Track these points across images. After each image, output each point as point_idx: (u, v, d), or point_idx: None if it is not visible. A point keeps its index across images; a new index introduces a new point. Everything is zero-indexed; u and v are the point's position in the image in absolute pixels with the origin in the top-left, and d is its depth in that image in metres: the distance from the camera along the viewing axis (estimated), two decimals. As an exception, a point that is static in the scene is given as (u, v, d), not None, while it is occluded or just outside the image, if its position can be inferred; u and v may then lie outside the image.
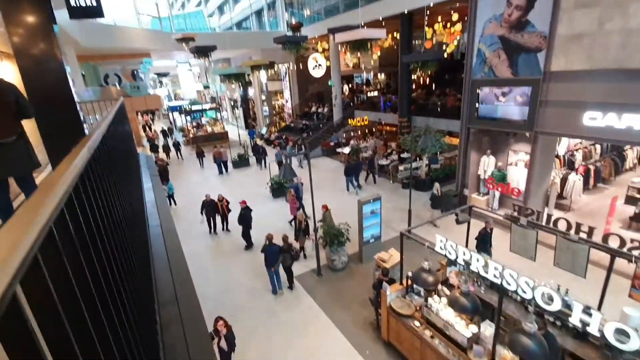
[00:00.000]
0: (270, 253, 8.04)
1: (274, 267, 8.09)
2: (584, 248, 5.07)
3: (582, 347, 4.88)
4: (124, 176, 3.05)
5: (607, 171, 12.33)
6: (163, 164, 16.69)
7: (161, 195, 5.21)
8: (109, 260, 1.32)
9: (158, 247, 3.46)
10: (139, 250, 2.67)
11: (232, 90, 34.93)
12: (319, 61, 19.98)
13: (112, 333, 1.08)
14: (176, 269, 3.12)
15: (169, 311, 2.43)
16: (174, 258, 3.23)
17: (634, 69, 6.84)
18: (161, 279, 2.87)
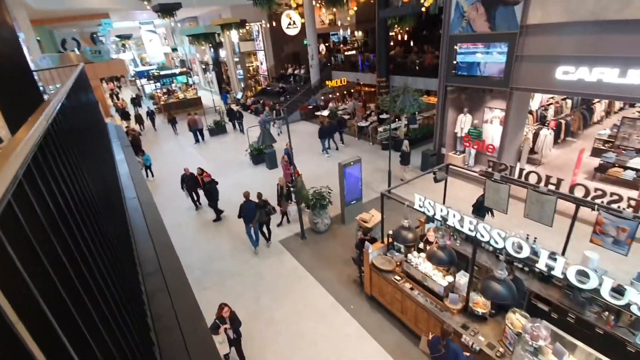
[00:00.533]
0: (247, 209, 8.35)
1: (252, 224, 8.41)
2: (552, 199, 5.36)
3: (547, 288, 5.33)
4: (91, 147, 2.89)
5: (576, 125, 12.81)
6: (135, 134, 15.97)
7: (135, 167, 5.03)
8: (82, 233, 1.27)
9: (137, 219, 3.39)
10: (116, 223, 2.61)
11: (202, 53, 32.98)
12: (293, 18, 18.95)
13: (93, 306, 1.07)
14: (158, 240, 3.09)
15: (154, 281, 2.44)
16: (154, 229, 3.18)
17: (609, 20, 6.87)
18: (143, 251, 2.84)
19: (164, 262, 2.73)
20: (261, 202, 8.55)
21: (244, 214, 8.38)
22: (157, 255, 2.78)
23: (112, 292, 1.39)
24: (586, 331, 4.77)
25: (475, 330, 4.89)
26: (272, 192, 9.93)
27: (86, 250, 1.24)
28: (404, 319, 6.12)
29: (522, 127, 10.33)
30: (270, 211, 8.72)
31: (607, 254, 5.09)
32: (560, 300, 5.11)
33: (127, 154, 5.41)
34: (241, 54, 28.49)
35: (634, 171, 9.26)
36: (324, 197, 8.96)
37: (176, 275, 2.59)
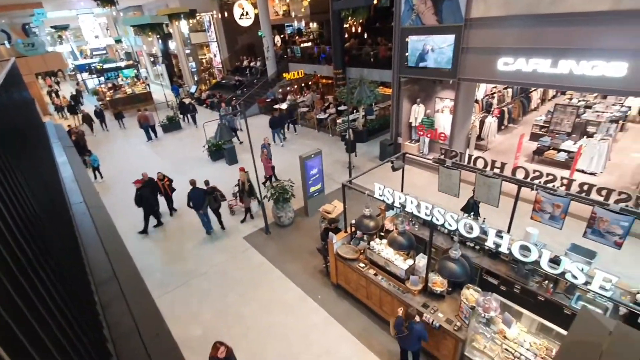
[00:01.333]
0: (195, 197, 8.57)
1: (202, 210, 8.70)
2: (497, 182, 5.81)
3: (496, 264, 5.80)
4: (26, 150, 2.64)
5: (516, 112, 13.87)
6: (79, 133, 14.76)
7: (80, 169, 4.67)
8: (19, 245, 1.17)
9: (85, 225, 3.17)
10: (60, 231, 2.43)
11: (150, 44, 31.02)
12: (246, 9, 18.43)
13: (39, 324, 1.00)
14: (110, 246, 2.92)
15: (108, 290, 2.31)
16: (106, 234, 3.00)
17: (542, 14, 7.47)
18: (94, 258, 2.67)
19: (119, 268, 2.59)
20: (209, 189, 8.77)
21: (192, 201, 8.58)
22: (110, 261, 2.63)
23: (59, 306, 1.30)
24: (530, 299, 5.27)
25: (435, 308, 5.21)
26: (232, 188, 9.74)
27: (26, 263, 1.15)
28: (369, 304, 6.35)
29: (469, 115, 10.99)
30: (218, 197, 8.90)
31: (546, 229, 5.63)
32: (507, 274, 5.58)
33: (69, 156, 5.00)
34: (193, 46, 27.21)
35: (566, 153, 10.27)
36: (287, 190, 8.95)
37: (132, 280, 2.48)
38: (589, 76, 7.14)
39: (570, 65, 7.32)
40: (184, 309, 6.89)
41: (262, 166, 11.55)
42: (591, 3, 6.78)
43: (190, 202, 8.57)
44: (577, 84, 7.50)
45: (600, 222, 4.99)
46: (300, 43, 24.81)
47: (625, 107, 12.29)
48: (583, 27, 7.02)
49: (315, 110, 17.04)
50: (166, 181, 9.71)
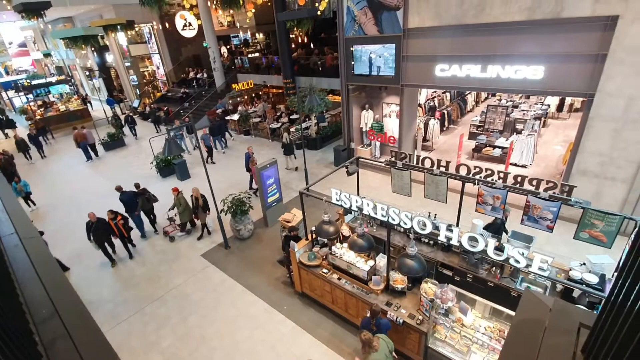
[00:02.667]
0: (127, 200, 8.94)
1: (136, 212, 9.04)
2: (443, 179, 6.22)
3: (449, 256, 6.17)
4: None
5: (455, 114, 14.99)
6: (7, 157, 13.24)
7: (9, 197, 4.19)
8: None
9: (19, 258, 2.86)
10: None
11: (84, 58, 28.85)
12: (189, 20, 17.94)
13: None
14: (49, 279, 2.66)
15: (50, 328, 2.10)
16: (43, 267, 2.73)
17: (468, 24, 8.21)
18: (31, 294, 2.41)
19: (60, 304, 2.36)
20: (140, 191, 9.21)
21: (126, 205, 8.97)
22: (49, 296, 2.40)
23: None
24: (481, 286, 5.68)
25: (398, 305, 5.40)
26: (186, 205, 9.32)
27: None
28: (335, 309, 6.41)
29: (414, 118, 11.66)
30: (151, 198, 9.36)
31: (489, 219, 6.13)
32: (460, 265, 5.97)
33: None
34: (133, 58, 25.78)
35: (500, 149, 11.29)
36: (244, 202, 8.77)
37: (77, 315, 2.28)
38: (514, 79, 7.96)
39: (497, 70, 8.11)
40: (141, 338, 6.42)
41: (219, 179, 11.22)
42: (509, 14, 7.60)
43: (125, 206, 8.94)
44: (504, 87, 8.31)
45: (533, 209, 5.55)
46: (248, 54, 24.63)
47: (545, 106, 13.87)
48: (504, 35, 7.83)
49: (268, 120, 16.97)
50: (119, 220, 8.29)
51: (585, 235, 5.16)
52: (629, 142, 7.05)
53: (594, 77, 7.03)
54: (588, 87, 7.16)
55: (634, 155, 7.08)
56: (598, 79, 6.96)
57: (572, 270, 5.07)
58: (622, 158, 7.23)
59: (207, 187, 8.06)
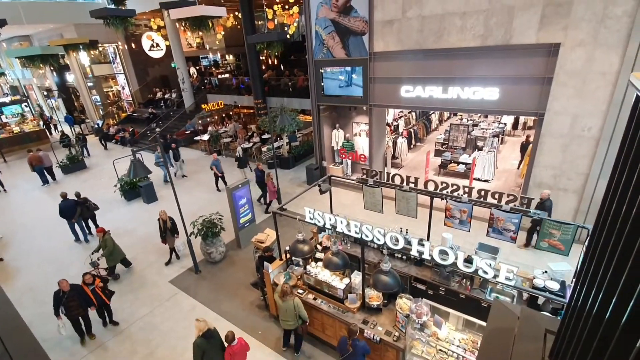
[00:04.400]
0: (65, 208, 9.29)
1: (74, 219, 9.45)
2: (413, 195, 6.43)
3: (422, 270, 6.28)
4: None
5: (421, 132, 15.66)
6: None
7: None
8: None
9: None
10: None
11: (41, 77, 27.47)
12: (156, 40, 17.73)
13: None
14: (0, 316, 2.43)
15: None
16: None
17: (428, 49, 8.75)
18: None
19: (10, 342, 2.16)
20: (81, 200, 9.65)
21: (63, 212, 9.26)
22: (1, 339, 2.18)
23: None
24: (454, 299, 5.81)
25: (374, 323, 5.39)
26: (153, 228, 8.91)
27: None
28: (312, 331, 6.27)
29: (383, 137, 12.05)
30: (91, 206, 9.83)
31: (457, 232, 6.35)
32: (432, 278, 6.09)
33: None
34: (96, 78, 24.90)
35: (464, 165, 11.87)
36: (215, 224, 8.52)
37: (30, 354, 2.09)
38: (472, 99, 8.50)
39: (457, 91, 8.64)
40: None
41: (189, 200, 10.86)
42: (465, 41, 8.20)
43: (61, 212, 9.28)
44: (464, 106, 8.85)
45: (497, 221, 5.84)
46: (218, 74, 24.61)
47: (502, 124, 14.87)
48: (462, 59, 8.41)
49: (239, 140, 16.83)
50: (98, 284, 6.65)
51: (545, 245, 5.48)
52: (576, 155, 7.69)
53: (542, 98, 7.67)
54: (538, 107, 7.79)
55: (581, 167, 7.71)
56: (546, 99, 7.61)
57: (536, 278, 5.33)
58: (572, 170, 7.85)
59: (175, 209, 7.78)
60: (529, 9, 7.29)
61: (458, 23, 8.16)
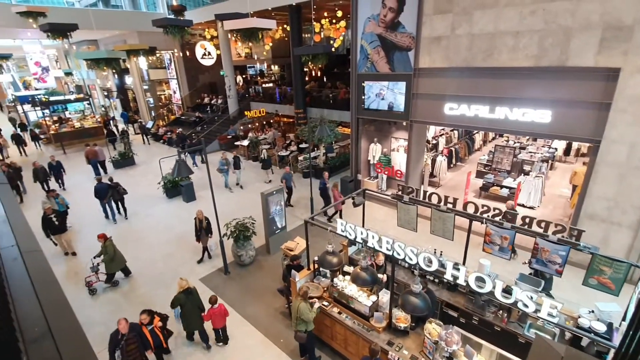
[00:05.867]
0: (100, 189, 10.83)
1: (105, 200, 10.96)
2: (450, 216, 6.15)
3: (454, 296, 5.96)
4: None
5: (462, 152, 15.10)
6: (13, 169, 13.44)
7: (13, 208, 4.22)
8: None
9: (16, 272, 2.81)
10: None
11: (104, 78, 30.11)
12: (208, 49, 18.78)
13: None
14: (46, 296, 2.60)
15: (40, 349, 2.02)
16: (41, 283, 2.68)
17: (477, 67, 8.47)
18: (25, 311, 2.35)
19: (55, 323, 2.28)
20: (113, 184, 11.07)
21: (97, 193, 10.81)
22: (44, 314, 2.32)
23: None
24: (488, 330, 5.43)
25: (400, 345, 5.16)
26: (190, 226, 9.27)
27: None
28: (334, 345, 6.14)
29: (422, 154, 11.76)
30: (121, 190, 11.13)
31: (496, 260, 5.98)
32: (465, 306, 5.75)
33: (2, 194, 4.52)
34: (151, 82, 26.83)
35: (508, 189, 11.22)
36: (248, 228, 8.70)
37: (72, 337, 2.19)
38: (521, 121, 8.07)
39: (505, 112, 8.25)
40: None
41: (224, 202, 11.23)
42: (517, 60, 7.85)
43: (96, 193, 10.77)
44: (511, 128, 8.41)
45: (542, 252, 5.42)
46: (262, 83, 25.54)
47: (553, 149, 13.94)
48: (512, 79, 8.05)
49: (277, 148, 17.23)
50: (157, 323, 5.91)
51: (593, 282, 5.00)
52: (633, 187, 7.02)
53: (598, 124, 7.12)
54: (594, 134, 7.23)
55: (638, 201, 7.01)
56: (603, 126, 7.06)
57: (581, 317, 4.86)
58: (628, 203, 7.16)
59: (212, 210, 8.05)
60: (587, 31, 6.87)
61: (510, 42, 7.85)
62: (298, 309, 5.46)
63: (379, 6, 9.85)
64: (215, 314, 6.09)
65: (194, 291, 6.20)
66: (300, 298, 5.56)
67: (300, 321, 5.50)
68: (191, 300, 6.11)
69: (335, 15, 17.15)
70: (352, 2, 10.47)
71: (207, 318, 6.11)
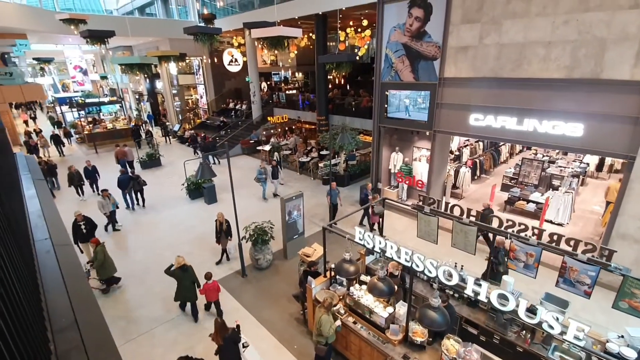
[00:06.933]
0: (122, 180, 12.12)
1: (126, 190, 12.15)
2: (473, 229, 5.98)
3: (475, 312, 5.76)
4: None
5: (487, 164, 14.68)
6: (49, 165, 14.24)
7: (49, 203, 4.45)
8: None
9: (48, 264, 2.96)
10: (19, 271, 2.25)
11: (136, 83, 31.48)
12: (235, 56, 19.32)
13: None
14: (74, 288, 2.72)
15: (67, 338, 2.11)
16: (70, 276, 2.80)
17: (505, 77, 8.27)
18: (54, 301, 2.46)
19: (81, 315, 2.38)
20: (134, 176, 12.49)
21: (120, 184, 12.03)
22: (72, 306, 2.43)
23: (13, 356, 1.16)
24: (509, 350, 5.20)
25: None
26: (210, 228, 9.46)
27: None
28: (348, 355, 6.05)
29: (445, 164, 11.52)
30: (141, 182, 12.34)
31: (520, 277, 5.74)
32: (486, 323, 5.54)
33: (39, 189, 4.79)
34: (180, 87, 27.82)
35: (535, 204, 10.79)
36: (266, 232, 8.79)
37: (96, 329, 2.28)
38: (551, 134, 7.78)
39: (534, 124, 7.99)
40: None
41: (245, 206, 11.41)
42: (547, 71, 7.60)
43: (119, 183, 12.03)
44: (540, 141, 8.12)
45: (570, 272, 5.16)
46: (286, 90, 25.93)
47: (584, 164, 13.32)
48: (541, 90, 7.79)
49: (298, 154, 17.37)
50: None
51: (624, 305, 4.71)
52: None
53: (634, 139, 6.77)
54: (628, 149, 6.87)
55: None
56: (639, 141, 6.68)
57: (610, 342, 4.56)
58: (667, 225, 6.71)
59: (232, 213, 8.19)
60: (623, 43, 6.58)
61: (541, 52, 7.62)
62: (319, 321, 5.38)
63: (405, 15, 9.84)
64: (209, 289, 6.85)
65: (189, 268, 6.98)
66: (324, 309, 5.44)
67: (320, 332, 5.45)
68: (186, 277, 6.92)
69: (360, 24, 17.25)
70: (378, 11, 10.51)
71: (203, 292, 6.89)
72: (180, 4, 27.58)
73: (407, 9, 9.75)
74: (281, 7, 16.61)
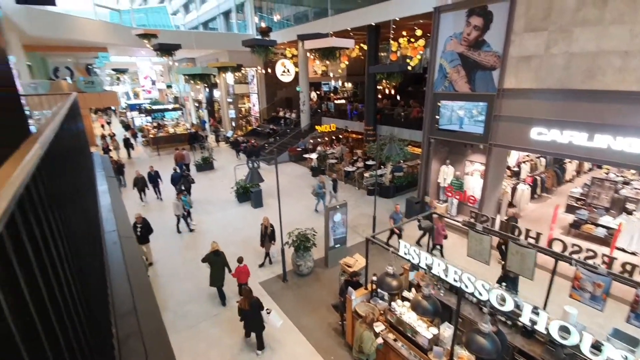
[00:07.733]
0: (175, 176, 14.08)
1: (177, 185, 13.42)
2: (532, 252, 5.49)
3: (530, 343, 5.25)
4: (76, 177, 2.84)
5: (550, 182, 13.46)
6: (118, 165, 15.81)
7: (117, 199, 4.91)
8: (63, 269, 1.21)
9: (114, 254, 3.25)
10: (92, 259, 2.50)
11: (196, 91, 33.94)
12: (288, 67, 20.02)
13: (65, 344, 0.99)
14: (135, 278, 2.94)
15: (126, 324, 2.29)
16: (132, 266, 3.05)
17: (574, 89, 7.58)
18: (118, 289, 2.69)
19: (140, 304, 2.57)
20: (185, 174, 14.37)
21: (172, 180, 13.99)
22: (132, 295, 2.63)
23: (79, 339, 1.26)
24: (570, 392, 4.65)
25: (460, 388, 4.69)
26: (255, 231, 9.76)
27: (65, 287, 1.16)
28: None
29: (500, 180, 10.78)
30: (190, 179, 14.07)
31: (585, 309, 5.14)
32: (542, 356, 5.01)
33: (110, 185, 5.31)
34: (235, 95, 29.45)
35: (605, 229, 9.64)
36: (309, 239, 8.86)
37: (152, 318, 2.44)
38: (627, 152, 6.94)
39: (607, 140, 7.19)
40: (191, 355, 6.61)
41: (288, 211, 11.65)
42: (624, 83, 6.83)
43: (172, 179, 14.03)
44: (614, 159, 7.26)
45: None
46: (335, 100, 26.24)
47: (668, 187, 11.64)
48: (617, 104, 7.01)
49: (344, 163, 17.40)
50: None
51: None
52: None
53: None
54: None
55: None
56: None
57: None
58: None
59: (277, 217, 8.40)
60: None
61: (617, 63, 6.89)
62: (361, 337, 5.29)
63: (463, 24, 9.49)
64: (241, 271, 7.52)
65: (221, 253, 7.68)
66: (365, 325, 5.35)
67: (361, 349, 5.34)
68: (218, 261, 7.61)
69: (414, 34, 16.99)
70: (434, 20, 10.26)
71: (235, 275, 7.60)
72: (240, 18, 29.35)
73: (465, 17, 9.40)
74: (335, 18, 16.96)
